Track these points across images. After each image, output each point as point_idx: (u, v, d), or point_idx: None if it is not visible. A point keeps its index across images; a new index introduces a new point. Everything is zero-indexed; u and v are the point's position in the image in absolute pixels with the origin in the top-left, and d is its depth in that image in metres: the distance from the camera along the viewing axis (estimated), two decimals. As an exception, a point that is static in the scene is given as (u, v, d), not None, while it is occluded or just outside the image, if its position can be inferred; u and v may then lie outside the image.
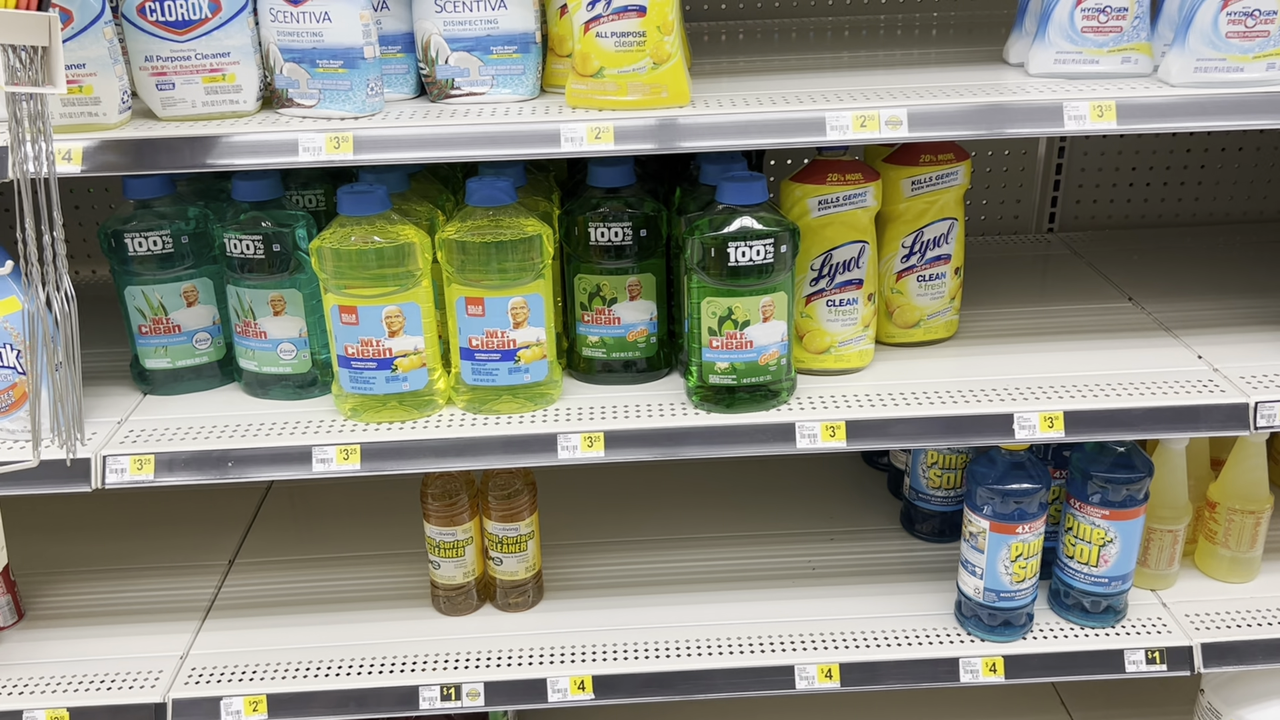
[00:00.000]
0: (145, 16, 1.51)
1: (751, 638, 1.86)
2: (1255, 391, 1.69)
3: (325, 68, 1.52)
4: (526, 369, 1.69)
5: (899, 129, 1.52)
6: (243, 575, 2.10)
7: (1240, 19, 1.52)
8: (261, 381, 1.78)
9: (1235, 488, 1.89)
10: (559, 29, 1.65)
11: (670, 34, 1.51)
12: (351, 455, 1.64)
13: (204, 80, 1.55)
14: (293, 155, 1.50)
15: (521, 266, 1.62)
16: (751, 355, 1.66)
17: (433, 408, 1.71)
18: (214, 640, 1.91)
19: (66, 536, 2.23)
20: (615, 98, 1.55)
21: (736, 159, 1.77)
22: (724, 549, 2.11)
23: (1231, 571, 1.94)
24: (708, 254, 1.60)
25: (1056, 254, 2.39)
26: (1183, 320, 1.98)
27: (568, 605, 1.97)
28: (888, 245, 1.85)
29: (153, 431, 1.69)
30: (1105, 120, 1.51)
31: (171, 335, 1.78)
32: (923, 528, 2.12)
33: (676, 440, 1.67)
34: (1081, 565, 1.81)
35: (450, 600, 1.94)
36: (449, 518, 1.87)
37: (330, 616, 1.96)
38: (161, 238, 1.72)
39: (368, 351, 1.65)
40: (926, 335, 1.91)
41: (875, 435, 1.68)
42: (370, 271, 1.60)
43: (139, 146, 1.51)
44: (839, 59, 1.92)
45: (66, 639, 1.92)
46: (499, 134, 1.52)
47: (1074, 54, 1.63)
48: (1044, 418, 1.66)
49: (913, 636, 1.84)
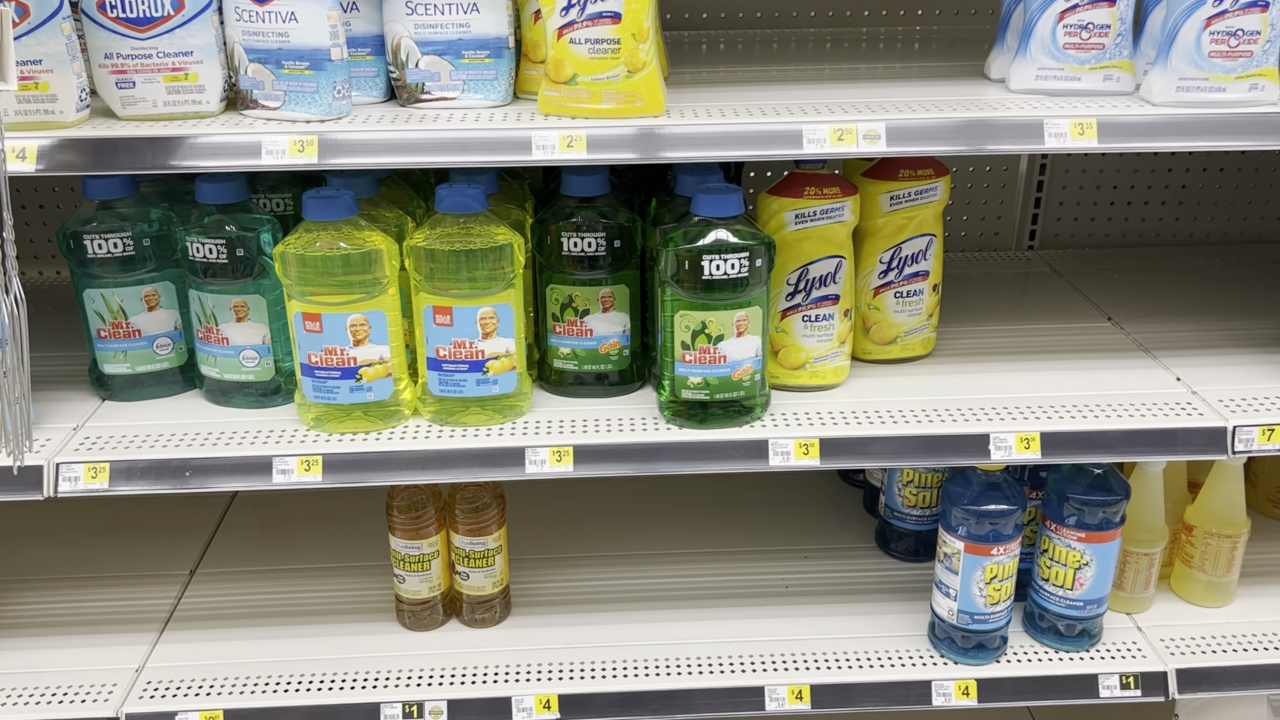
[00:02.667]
0: (105, 13, 1.47)
1: (722, 657, 1.82)
2: (1233, 415, 1.67)
3: (291, 69, 1.48)
4: (495, 380, 1.65)
5: (877, 143, 1.49)
6: (204, 585, 2.05)
7: (1223, 39, 1.51)
8: (223, 389, 1.74)
9: (1212, 511, 1.87)
10: (533, 34, 1.62)
11: (645, 41, 1.48)
12: (313, 466, 1.60)
13: (166, 79, 1.50)
14: (255, 158, 1.46)
15: (491, 276, 1.59)
16: (725, 370, 1.63)
17: (398, 419, 1.68)
18: (172, 653, 1.86)
19: (21, 543, 2.18)
20: (589, 105, 1.52)
21: (714, 170, 1.74)
22: (696, 565, 2.08)
23: (1208, 596, 1.92)
24: (682, 266, 1.57)
25: (1036, 272, 2.37)
26: (1162, 341, 1.96)
27: (536, 622, 1.93)
28: (865, 260, 1.82)
29: (109, 439, 1.65)
30: (1086, 138, 1.49)
31: (131, 340, 1.74)
32: (898, 546, 2.09)
33: (647, 456, 1.64)
34: (1057, 588, 1.78)
35: (415, 615, 1.90)
36: (415, 531, 1.83)
37: (292, 630, 1.92)
38: (122, 240, 1.67)
39: (332, 360, 1.61)
40: (903, 352, 1.88)
41: (850, 454, 1.65)
42: (335, 278, 1.56)
43: (97, 146, 1.46)
44: (819, 71, 1.89)
45: (18, 649, 1.87)
46: (469, 140, 1.48)
47: (1056, 70, 1.61)
48: (1020, 438, 1.64)
49: (885, 658, 1.82)
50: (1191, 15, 1.50)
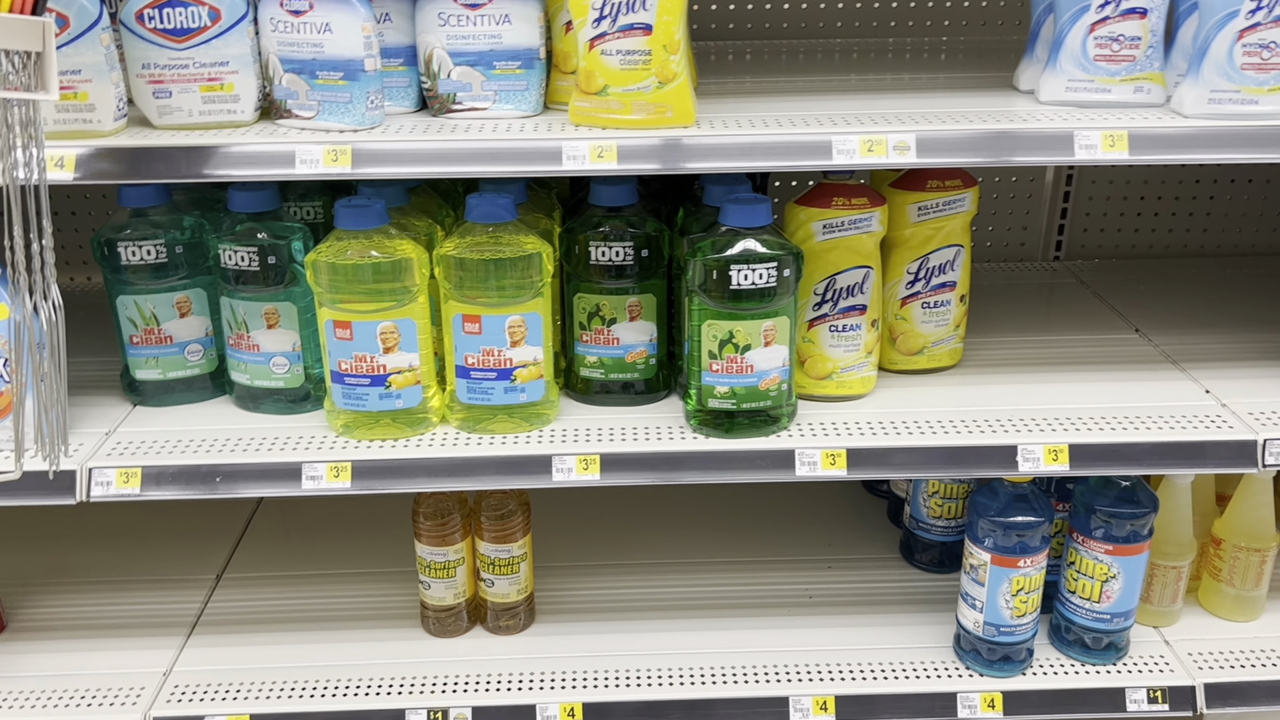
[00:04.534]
0: (144, 23, 1.49)
1: (746, 667, 1.82)
2: (1263, 428, 1.66)
3: (325, 79, 1.50)
4: (522, 388, 1.66)
5: (906, 154, 1.49)
6: (230, 590, 2.07)
7: (1256, 50, 1.50)
8: (253, 395, 1.76)
9: (1241, 525, 1.86)
10: (564, 45, 1.63)
11: (676, 53, 1.49)
12: (342, 473, 1.61)
13: (201, 89, 1.52)
14: (289, 167, 1.47)
15: (520, 284, 1.60)
16: (752, 380, 1.63)
17: (426, 426, 1.68)
18: (198, 657, 1.88)
19: (52, 547, 2.20)
20: (619, 116, 1.52)
21: (741, 180, 1.75)
22: (720, 575, 2.08)
23: (1236, 610, 1.91)
24: (709, 276, 1.57)
25: (1063, 283, 2.36)
26: (1190, 353, 1.95)
27: (560, 629, 1.94)
28: (893, 271, 1.82)
29: (140, 444, 1.66)
30: (1117, 150, 1.49)
31: (163, 346, 1.76)
32: (922, 557, 2.08)
33: (673, 465, 1.64)
34: (1083, 600, 1.77)
35: (440, 621, 1.90)
36: (440, 538, 1.84)
37: (318, 635, 1.93)
38: (155, 247, 1.69)
39: (361, 368, 1.62)
40: (930, 363, 1.88)
41: (876, 464, 1.65)
42: (366, 286, 1.57)
43: (133, 155, 1.48)
44: (847, 82, 1.90)
45: (49, 652, 1.89)
46: (500, 150, 1.49)
47: (1086, 82, 1.61)
48: (1048, 450, 1.63)
49: (910, 670, 1.81)
50: (1224, 28, 1.50)
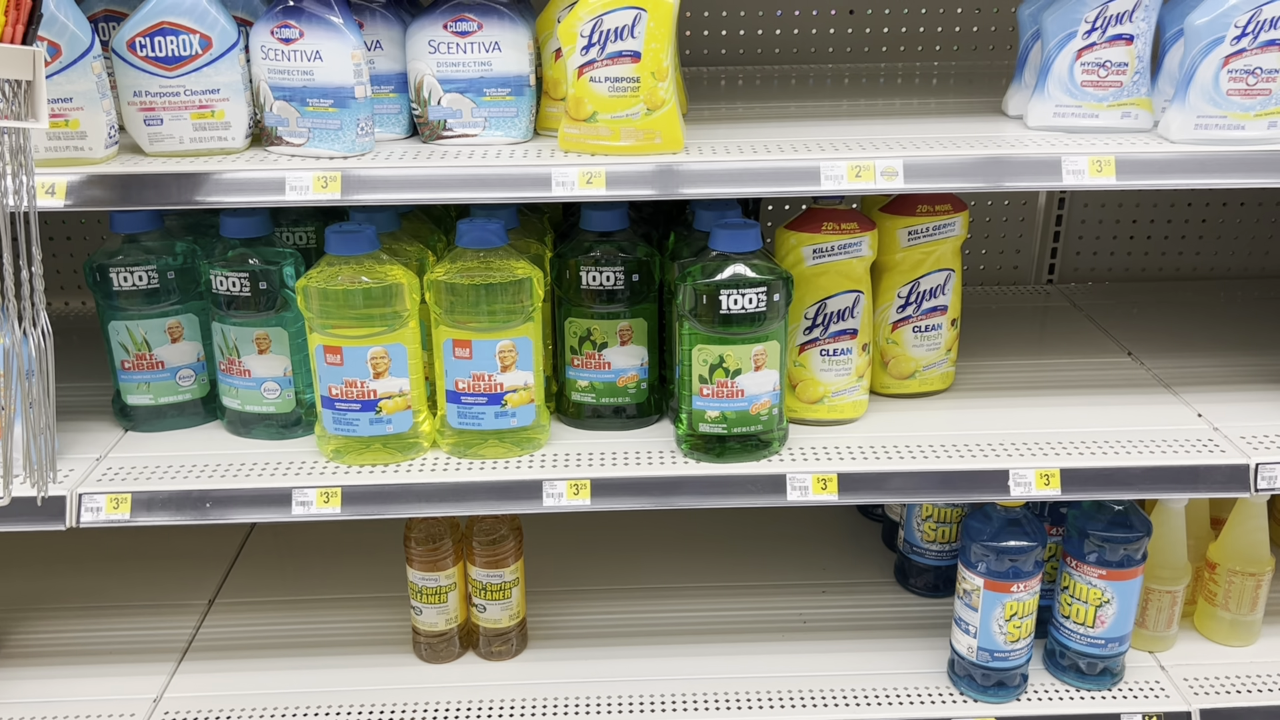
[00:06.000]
0: (135, 52, 1.50)
1: (739, 693, 1.81)
2: (1256, 452, 1.66)
3: (315, 106, 1.51)
4: (513, 413, 1.66)
5: (894, 180, 1.50)
6: (223, 615, 2.06)
7: (1241, 77, 1.51)
8: (244, 420, 1.76)
9: (1236, 549, 1.85)
10: (553, 72, 1.64)
11: (664, 80, 1.50)
12: (332, 498, 1.61)
13: (193, 116, 1.53)
14: (279, 194, 1.48)
15: (511, 309, 1.60)
16: (743, 404, 1.63)
17: (417, 451, 1.68)
18: (190, 683, 1.87)
19: (43, 571, 2.20)
20: (608, 143, 1.53)
21: (732, 205, 1.75)
22: (713, 599, 2.07)
23: (1231, 634, 1.90)
24: (699, 301, 1.57)
25: (1055, 306, 2.37)
26: (1183, 377, 1.95)
27: (552, 655, 1.93)
28: (883, 295, 1.82)
29: (131, 469, 1.66)
30: (1104, 175, 1.50)
31: (155, 371, 1.76)
32: (917, 582, 2.08)
33: (665, 490, 1.64)
34: (1078, 625, 1.76)
35: (432, 647, 1.89)
36: (432, 563, 1.83)
37: (310, 661, 1.92)
38: (147, 273, 1.70)
39: (352, 393, 1.62)
40: (922, 387, 1.88)
41: (868, 489, 1.65)
42: (356, 311, 1.58)
43: (125, 182, 1.49)
44: (837, 107, 1.90)
45: (39, 678, 1.88)
46: (489, 177, 1.50)
47: (1073, 108, 1.62)
48: (1040, 475, 1.63)
49: (904, 695, 1.80)
50: (1209, 54, 1.51)
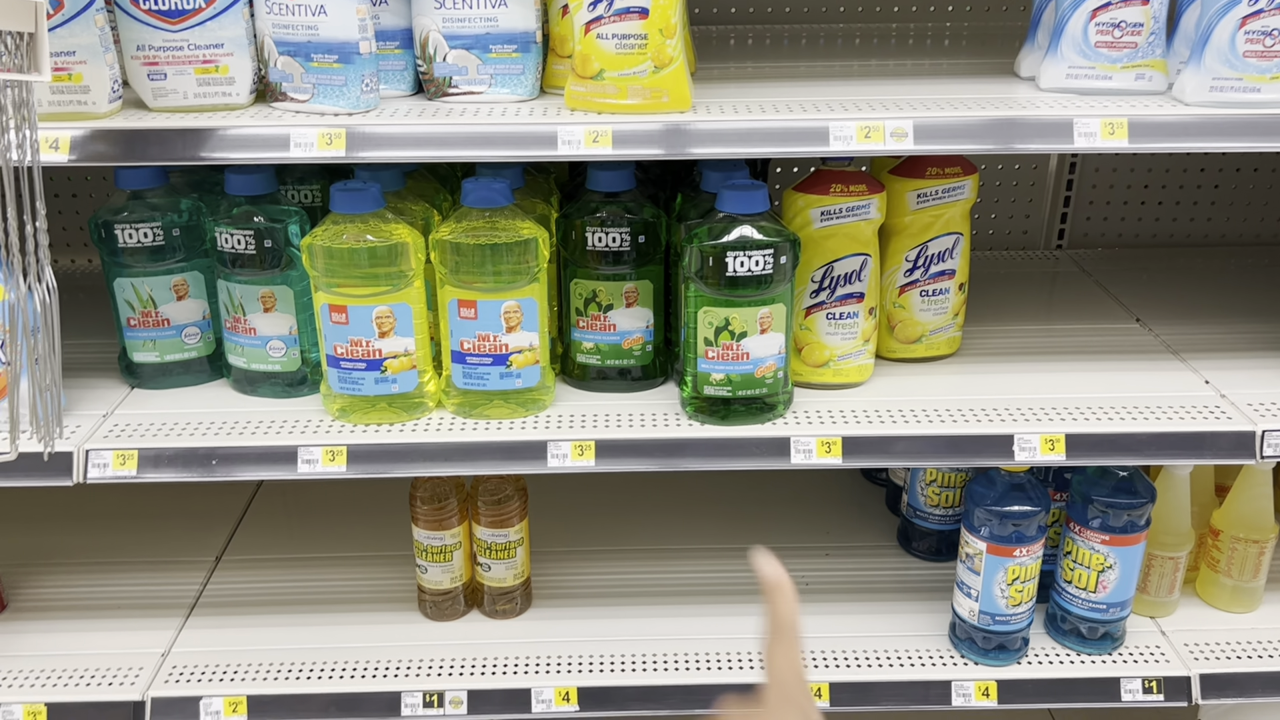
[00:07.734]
0: (138, 4, 1.48)
1: (742, 653, 1.83)
2: (1262, 419, 1.65)
3: (320, 62, 1.49)
4: (518, 374, 1.66)
5: (904, 141, 1.48)
6: (229, 572, 2.08)
7: (1259, 38, 1.48)
8: (250, 378, 1.76)
9: (1239, 516, 1.85)
10: (560, 29, 1.62)
11: (673, 37, 1.48)
12: (338, 457, 1.61)
13: (196, 71, 1.52)
14: (284, 150, 1.47)
15: (516, 270, 1.59)
16: (748, 367, 1.62)
17: (422, 410, 1.68)
18: (197, 638, 1.89)
19: (51, 527, 2.21)
20: (615, 101, 1.52)
21: (739, 166, 1.74)
22: (717, 561, 2.08)
23: (1233, 601, 1.90)
24: (705, 263, 1.57)
25: (1065, 271, 2.35)
26: (1190, 343, 1.94)
27: (556, 614, 1.94)
28: (891, 259, 1.81)
29: (138, 426, 1.67)
30: (1117, 138, 1.48)
31: (160, 329, 1.76)
32: (920, 545, 2.08)
33: (669, 452, 1.64)
34: (1080, 590, 1.77)
35: (437, 605, 1.91)
36: (437, 522, 1.84)
37: (316, 618, 1.93)
38: (153, 230, 1.69)
39: (357, 352, 1.62)
40: (928, 351, 1.87)
41: (872, 452, 1.65)
42: (362, 270, 1.57)
43: (129, 137, 1.48)
44: (848, 67, 1.88)
45: (47, 632, 1.90)
46: (494, 134, 1.49)
47: (1087, 69, 1.60)
48: (1045, 440, 1.62)
49: (905, 657, 1.81)
50: (1226, 14, 1.48)
